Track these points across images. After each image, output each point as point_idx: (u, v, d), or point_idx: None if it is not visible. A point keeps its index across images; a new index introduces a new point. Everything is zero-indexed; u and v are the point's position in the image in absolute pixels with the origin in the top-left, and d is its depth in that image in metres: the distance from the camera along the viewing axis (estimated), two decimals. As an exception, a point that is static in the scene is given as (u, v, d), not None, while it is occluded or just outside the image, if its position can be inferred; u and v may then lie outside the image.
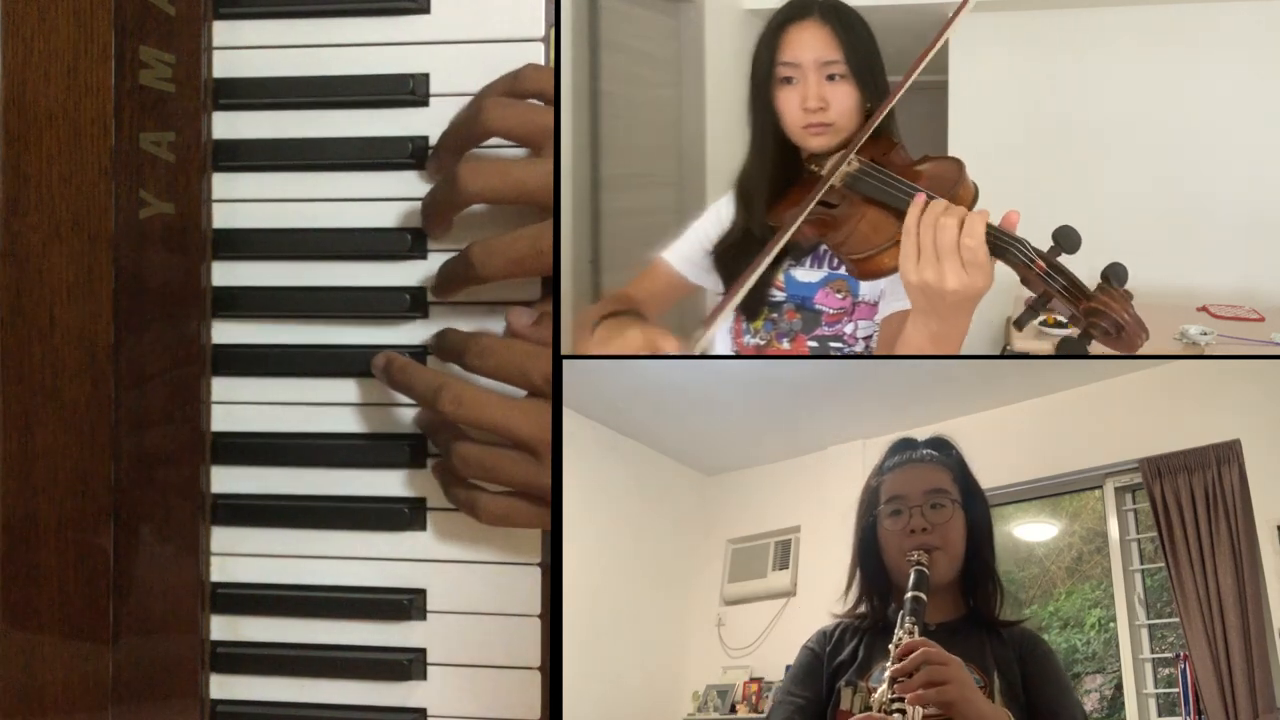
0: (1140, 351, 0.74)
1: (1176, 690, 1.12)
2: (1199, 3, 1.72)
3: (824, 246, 0.92)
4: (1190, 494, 1.13)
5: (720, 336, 0.99)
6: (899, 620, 0.82)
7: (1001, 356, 1.27)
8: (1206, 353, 1.37)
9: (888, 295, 0.91)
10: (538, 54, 0.83)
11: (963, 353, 0.82)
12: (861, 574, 0.91)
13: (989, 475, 0.92)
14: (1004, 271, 0.78)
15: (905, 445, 0.92)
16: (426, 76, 0.85)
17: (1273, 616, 1.05)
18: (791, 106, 0.92)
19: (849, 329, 0.94)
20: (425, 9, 0.85)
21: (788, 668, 0.93)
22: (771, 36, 0.94)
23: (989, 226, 0.74)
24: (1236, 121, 1.74)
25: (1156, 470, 1.16)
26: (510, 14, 0.84)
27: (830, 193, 0.85)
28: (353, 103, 0.85)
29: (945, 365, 1.12)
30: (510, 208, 0.82)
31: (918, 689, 0.75)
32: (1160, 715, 1.14)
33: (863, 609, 0.90)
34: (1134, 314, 0.71)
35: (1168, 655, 1.15)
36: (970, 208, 0.78)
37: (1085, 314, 0.72)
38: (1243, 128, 1.74)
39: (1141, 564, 1.20)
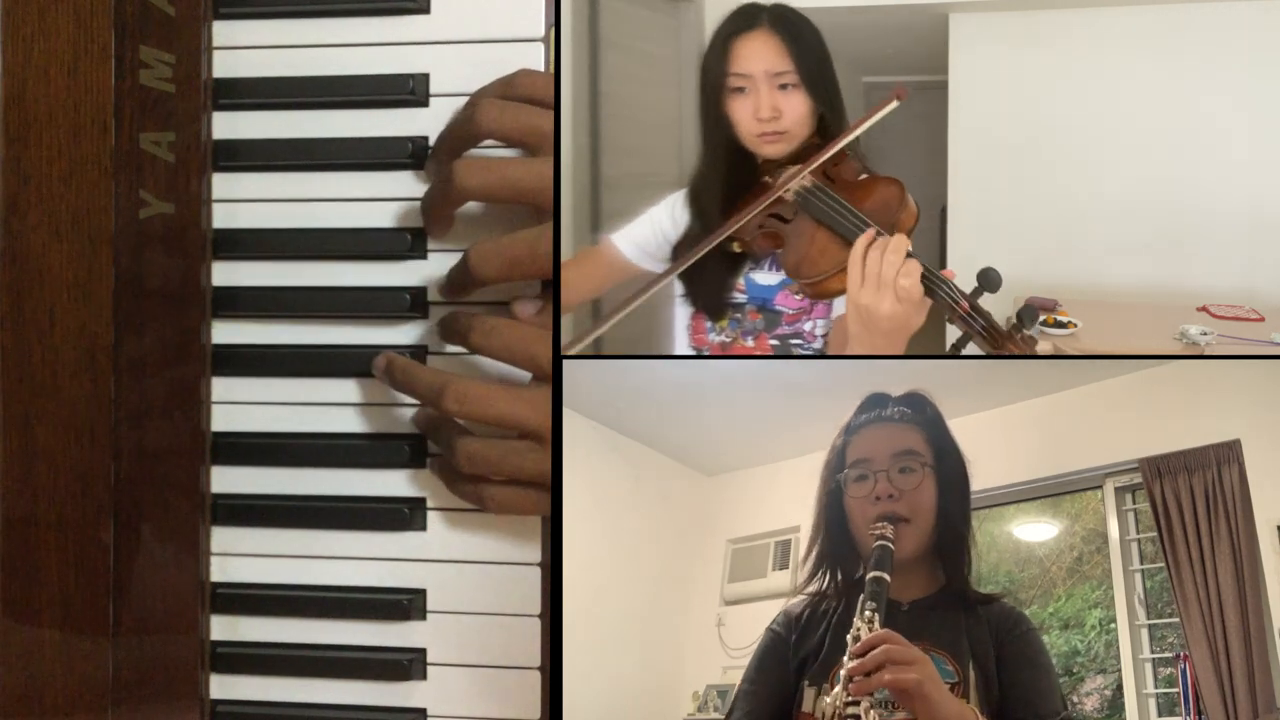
0: (1140, 351, 0.77)
1: (1176, 690, 1.12)
2: (1199, 3, 1.72)
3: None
4: (1190, 494, 1.13)
5: (679, 335, 1.01)
6: (859, 606, 0.76)
7: (1001, 356, 1.27)
8: (1206, 353, 1.37)
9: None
10: (538, 54, 0.83)
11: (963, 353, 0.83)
12: (823, 543, 0.86)
13: (989, 475, 0.91)
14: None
15: (876, 402, 0.87)
16: (426, 76, 0.85)
17: (1273, 616, 1.05)
18: (745, 116, 0.93)
19: (807, 326, 0.96)
20: (425, 9, 0.85)
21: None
22: (721, 47, 0.94)
23: (924, 269, 0.79)
24: (1236, 122, 1.74)
25: (1156, 470, 1.16)
26: (510, 14, 0.84)
27: (784, 206, 0.89)
28: (352, 103, 0.85)
29: (945, 365, 1.12)
30: (511, 208, 0.82)
31: (875, 689, 0.70)
32: (1160, 715, 1.14)
33: (819, 584, 0.85)
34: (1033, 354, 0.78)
35: (1168, 655, 1.15)
36: (912, 229, 0.84)
37: (994, 348, 0.79)
38: (1242, 128, 1.74)
39: (1141, 564, 1.20)
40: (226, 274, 0.87)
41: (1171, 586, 1.13)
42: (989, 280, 0.81)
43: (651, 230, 1.00)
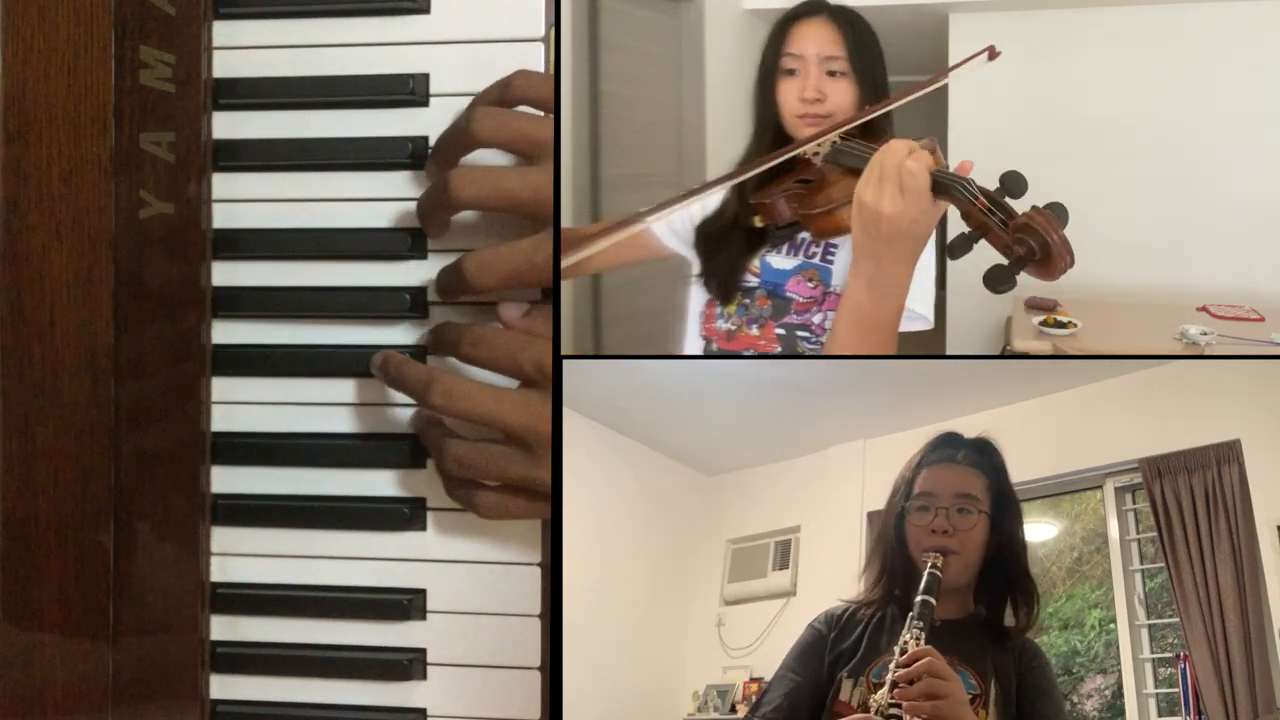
0: (1140, 351, 0.76)
1: (1176, 690, 1.12)
2: (1199, 3, 1.72)
3: (801, 235, 0.95)
4: (1190, 494, 1.13)
5: (692, 322, 1.02)
6: (906, 622, 0.83)
7: (1001, 356, 1.27)
8: (1206, 353, 1.37)
9: None
10: (538, 54, 0.83)
11: (962, 353, 0.83)
12: (882, 560, 0.92)
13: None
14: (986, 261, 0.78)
15: (947, 442, 0.93)
16: (426, 76, 0.85)
17: (1273, 616, 1.05)
18: (790, 97, 0.96)
19: (817, 319, 0.95)
20: (425, 9, 0.85)
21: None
22: (779, 30, 0.98)
23: (939, 168, 0.76)
24: (1236, 121, 1.74)
25: (1156, 470, 1.16)
26: (510, 14, 0.84)
27: (809, 170, 0.89)
28: (352, 103, 0.85)
29: (945, 365, 1.12)
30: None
31: (915, 698, 0.78)
32: (1160, 715, 1.14)
33: (877, 594, 0.91)
34: (1062, 235, 0.69)
35: (1168, 655, 1.14)
36: None
37: (1013, 231, 0.72)
38: (1243, 127, 1.74)
39: (1141, 564, 1.20)
40: (226, 274, 0.87)
41: (1171, 586, 1.13)
42: (1014, 183, 0.74)
43: (684, 213, 1.01)
